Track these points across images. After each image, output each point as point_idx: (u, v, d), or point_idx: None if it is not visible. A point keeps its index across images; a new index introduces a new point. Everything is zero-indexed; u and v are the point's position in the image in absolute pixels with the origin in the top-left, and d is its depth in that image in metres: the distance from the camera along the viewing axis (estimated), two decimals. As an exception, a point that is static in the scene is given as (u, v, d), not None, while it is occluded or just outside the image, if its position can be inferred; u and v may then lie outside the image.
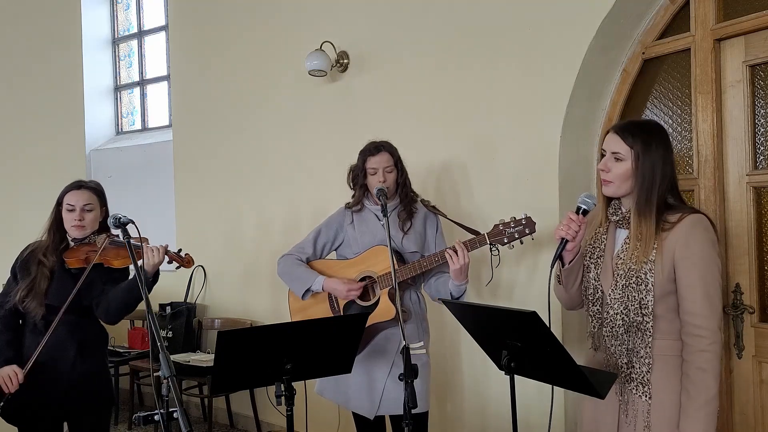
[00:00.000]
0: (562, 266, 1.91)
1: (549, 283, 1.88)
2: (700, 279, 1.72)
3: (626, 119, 1.87)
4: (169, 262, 2.48)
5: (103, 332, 2.60)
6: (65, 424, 2.54)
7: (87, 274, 2.35)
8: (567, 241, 1.84)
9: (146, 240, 2.43)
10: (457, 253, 2.34)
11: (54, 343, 2.38)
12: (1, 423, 2.46)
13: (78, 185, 2.53)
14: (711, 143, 2.56)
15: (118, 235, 2.34)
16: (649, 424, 1.76)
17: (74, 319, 2.43)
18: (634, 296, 1.77)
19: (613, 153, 1.81)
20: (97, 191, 2.56)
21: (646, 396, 1.78)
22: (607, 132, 1.87)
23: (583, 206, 1.85)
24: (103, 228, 2.55)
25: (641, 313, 1.76)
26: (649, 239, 1.76)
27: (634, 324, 1.78)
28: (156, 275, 2.42)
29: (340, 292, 2.51)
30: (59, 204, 2.52)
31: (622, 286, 1.79)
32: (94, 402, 2.50)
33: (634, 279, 1.77)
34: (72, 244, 2.51)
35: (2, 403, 2.32)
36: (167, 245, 2.43)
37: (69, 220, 2.47)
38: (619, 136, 1.81)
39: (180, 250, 2.54)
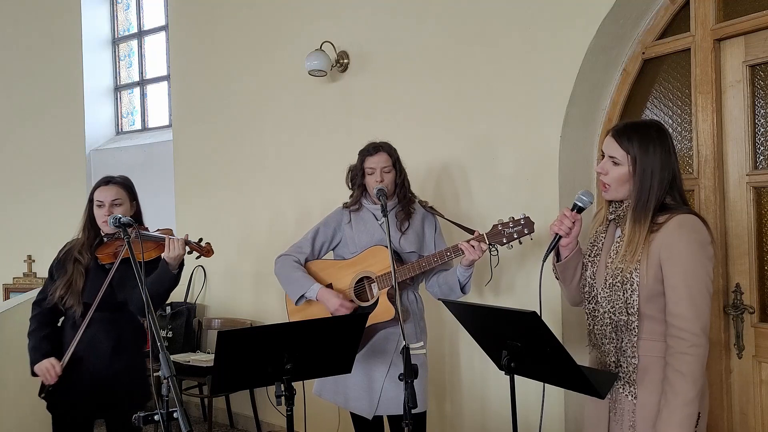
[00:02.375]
0: (558, 261, 1.93)
1: (540, 277, 1.90)
2: (683, 280, 1.70)
3: (625, 120, 1.85)
4: (189, 252, 2.51)
5: (140, 330, 2.61)
6: (96, 422, 2.58)
7: (117, 269, 2.39)
8: (560, 236, 1.87)
9: (170, 231, 2.50)
10: (474, 247, 2.36)
11: (90, 339, 2.42)
12: (35, 411, 2.49)
13: (106, 181, 2.56)
14: (711, 143, 2.56)
15: (147, 228, 2.42)
16: (634, 424, 1.77)
17: (109, 316, 2.45)
18: (619, 296, 1.77)
19: (610, 157, 1.80)
20: (126, 186, 2.59)
21: (631, 396, 1.77)
22: (608, 133, 1.85)
23: (579, 203, 1.88)
24: (138, 222, 2.56)
25: (627, 312, 1.76)
26: (639, 241, 1.75)
27: (621, 323, 1.78)
28: (181, 265, 2.47)
29: (330, 306, 2.50)
30: (90, 201, 2.55)
31: (610, 285, 1.80)
32: (128, 400, 2.50)
33: (619, 278, 1.77)
34: (105, 239, 2.53)
35: (43, 395, 2.39)
36: (187, 235, 2.47)
37: (99, 217, 2.50)
38: (616, 140, 1.79)
39: (201, 240, 2.57)
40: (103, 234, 2.54)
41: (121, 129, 5.74)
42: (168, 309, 4.47)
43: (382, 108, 3.53)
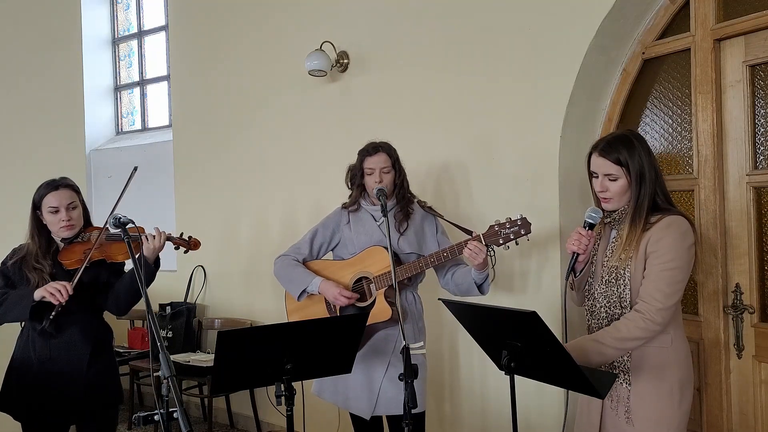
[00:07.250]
0: (575, 276, 2.04)
1: (564, 294, 2.02)
2: (659, 271, 1.84)
3: (603, 138, 2.03)
4: (176, 248, 2.48)
5: (109, 329, 2.57)
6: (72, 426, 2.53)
7: (88, 272, 2.34)
8: (578, 254, 1.99)
9: (142, 229, 2.41)
10: (473, 251, 2.36)
11: (67, 344, 2.37)
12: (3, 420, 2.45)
13: (55, 185, 2.43)
14: (711, 143, 2.56)
15: (110, 230, 2.33)
16: (629, 409, 1.91)
17: (87, 318, 2.42)
18: (614, 290, 1.94)
19: (605, 175, 1.94)
20: (75, 188, 2.49)
21: (626, 383, 1.92)
22: (590, 154, 1.98)
23: (590, 221, 1.99)
24: (87, 224, 2.52)
25: (620, 306, 1.93)
26: (634, 239, 1.91)
27: (615, 316, 1.93)
28: (157, 261, 2.42)
29: (329, 295, 2.51)
30: (37, 208, 2.42)
31: (606, 281, 1.96)
32: (106, 400, 2.48)
33: (614, 275, 1.94)
34: (62, 245, 2.45)
35: (51, 317, 2.25)
36: (170, 232, 2.44)
37: (55, 222, 2.39)
38: (606, 157, 1.93)
39: (182, 234, 2.54)
40: (59, 240, 2.44)
41: (121, 129, 5.74)
42: (168, 309, 4.47)
43: (381, 108, 3.53)
